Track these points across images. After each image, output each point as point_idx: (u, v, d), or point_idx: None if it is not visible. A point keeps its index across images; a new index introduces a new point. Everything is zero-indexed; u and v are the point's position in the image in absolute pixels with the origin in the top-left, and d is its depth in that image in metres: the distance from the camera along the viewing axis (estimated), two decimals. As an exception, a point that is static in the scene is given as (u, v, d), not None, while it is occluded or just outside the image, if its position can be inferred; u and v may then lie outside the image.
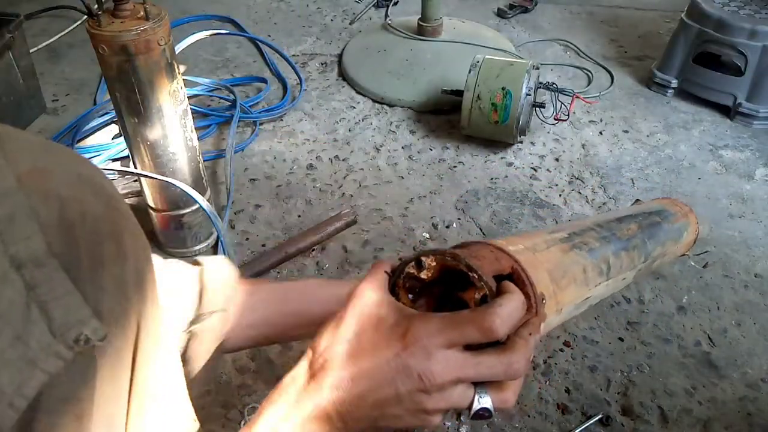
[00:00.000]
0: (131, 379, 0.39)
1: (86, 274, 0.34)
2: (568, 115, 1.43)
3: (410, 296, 0.46)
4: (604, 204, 1.27)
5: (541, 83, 1.40)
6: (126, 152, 1.32)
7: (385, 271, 0.45)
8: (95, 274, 0.35)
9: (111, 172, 1.28)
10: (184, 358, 0.58)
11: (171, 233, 1.12)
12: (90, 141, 1.42)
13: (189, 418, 0.52)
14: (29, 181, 0.33)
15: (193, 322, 0.57)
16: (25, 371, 0.30)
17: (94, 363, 0.35)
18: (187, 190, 1.02)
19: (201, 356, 0.60)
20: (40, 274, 0.31)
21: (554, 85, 1.40)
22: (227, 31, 1.88)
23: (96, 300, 0.34)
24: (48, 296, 0.31)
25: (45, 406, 0.32)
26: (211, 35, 1.83)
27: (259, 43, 1.85)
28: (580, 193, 1.30)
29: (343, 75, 1.72)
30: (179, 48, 1.74)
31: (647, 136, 1.48)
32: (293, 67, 1.74)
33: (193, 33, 1.80)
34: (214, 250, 1.17)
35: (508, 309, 0.40)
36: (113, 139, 1.41)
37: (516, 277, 0.46)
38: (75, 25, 1.92)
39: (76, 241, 0.34)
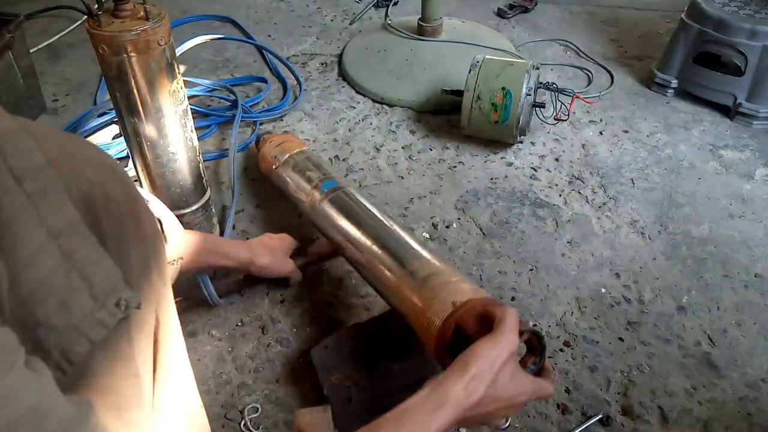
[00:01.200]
0: (154, 360, 0.40)
1: (111, 250, 0.36)
2: (568, 115, 1.43)
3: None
4: (604, 204, 1.27)
5: (541, 83, 1.40)
6: (126, 152, 1.33)
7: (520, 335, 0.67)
8: (120, 250, 0.36)
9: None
10: None
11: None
12: (90, 141, 1.42)
13: (198, 404, 0.55)
14: (58, 163, 0.34)
15: None
16: (71, 337, 0.31)
17: (129, 335, 0.36)
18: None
19: None
20: (76, 242, 0.33)
21: (554, 85, 1.40)
22: (230, 36, 1.88)
23: (124, 272, 0.36)
24: (85, 261, 0.33)
25: (98, 367, 0.34)
26: (212, 39, 1.83)
27: (260, 45, 1.85)
28: (580, 193, 1.30)
29: (343, 75, 1.72)
30: (180, 50, 1.74)
31: (647, 136, 1.48)
32: (292, 71, 1.74)
33: (194, 36, 1.80)
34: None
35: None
36: (113, 139, 1.41)
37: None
38: (75, 25, 1.92)
39: (100, 219, 0.36)
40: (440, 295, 0.75)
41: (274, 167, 1.18)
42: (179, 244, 0.84)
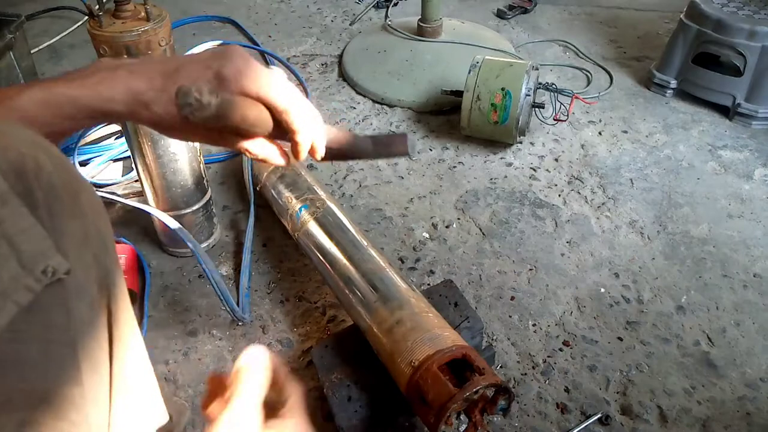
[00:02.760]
0: (110, 352, 0.40)
1: (45, 219, 0.36)
2: (568, 115, 1.43)
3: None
4: (603, 204, 1.27)
5: (540, 84, 1.40)
6: (127, 152, 1.33)
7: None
8: (54, 221, 0.37)
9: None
10: None
11: (171, 234, 1.12)
12: (91, 141, 1.42)
13: (161, 409, 0.53)
14: None
15: None
16: None
17: (65, 296, 0.36)
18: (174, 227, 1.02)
19: None
20: (5, 211, 0.33)
21: (554, 86, 1.40)
22: (239, 43, 1.88)
23: (56, 240, 0.36)
24: (14, 229, 0.33)
25: (28, 333, 0.34)
26: (218, 45, 1.84)
27: (260, 44, 1.86)
28: (579, 193, 1.31)
29: (343, 76, 1.72)
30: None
31: (646, 136, 1.49)
32: (296, 75, 1.74)
33: (202, 42, 1.81)
34: (214, 250, 1.17)
35: None
36: (115, 139, 1.42)
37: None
38: (76, 25, 1.93)
39: (32, 190, 0.36)
40: (402, 350, 0.76)
41: (258, 187, 1.18)
42: None
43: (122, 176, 1.33)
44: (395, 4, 2.14)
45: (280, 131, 0.51)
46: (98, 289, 0.40)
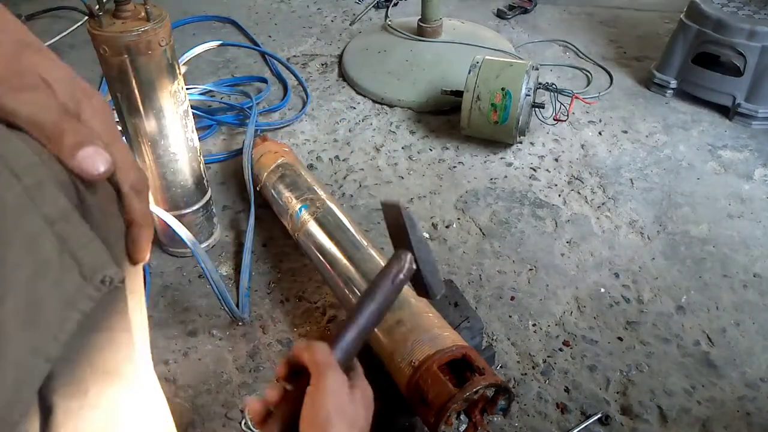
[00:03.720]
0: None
1: (98, 224, 0.40)
2: (568, 115, 1.43)
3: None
4: (603, 204, 1.27)
5: (540, 84, 1.40)
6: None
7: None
8: (105, 226, 0.41)
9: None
10: None
11: (171, 233, 1.12)
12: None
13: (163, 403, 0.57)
14: (46, 158, 0.38)
15: None
16: (65, 311, 0.36)
17: (124, 301, 0.42)
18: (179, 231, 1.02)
19: None
20: (68, 227, 0.37)
21: (554, 86, 1.40)
22: (238, 43, 1.88)
23: (110, 247, 0.40)
24: (76, 244, 0.37)
25: (96, 326, 0.39)
26: (217, 46, 1.84)
27: (260, 45, 1.86)
28: (579, 193, 1.31)
29: (343, 76, 1.72)
30: (187, 56, 1.75)
31: (646, 136, 1.49)
32: (296, 75, 1.74)
33: (203, 42, 1.81)
34: (215, 251, 1.17)
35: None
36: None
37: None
38: (76, 25, 1.93)
39: (84, 197, 0.40)
40: (402, 351, 0.76)
41: (258, 187, 1.18)
42: None
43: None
44: (395, 4, 2.14)
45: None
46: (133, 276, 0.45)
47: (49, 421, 0.38)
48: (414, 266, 0.59)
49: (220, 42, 1.85)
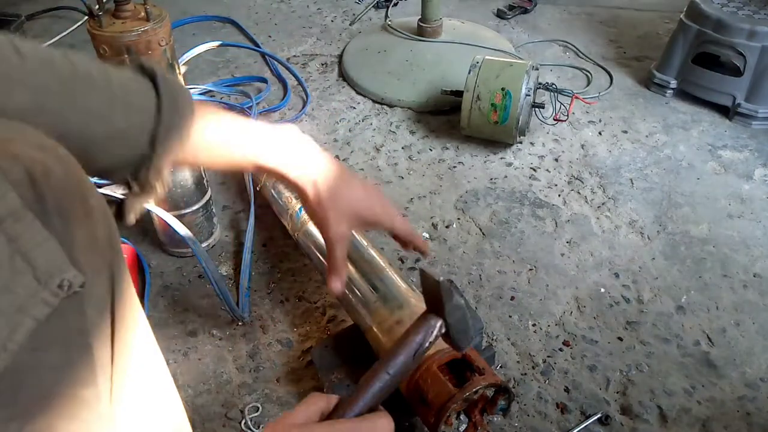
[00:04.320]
0: (112, 337, 0.41)
1: (57, 228, 0.36)
2: (568, 115, 1.43)
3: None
4: (603, 204, 1.27)
5: (540, 84, 1.40)
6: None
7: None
8: (65, 228, 0.37)
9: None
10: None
11: (171, 233, 1.12)
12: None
13: (178, 410, 0.54)
14: None
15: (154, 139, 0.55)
16: (15, 318, 0.32)
17: (81, 302, 0.37)
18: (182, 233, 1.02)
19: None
20: (19, 227, 0.34)
21: (553, 86, 1.40)
22: (238, 44, 1.88)
23: (69, 251, 0.36)
24: (29, 245, 0.34)
25: (49, 340, 0.35)
26: (217, 46, 1.84)
27: (260, 45, 1.86)
28: (579, 193, 1.31)
29: (343, 76, 1.72)
30: (187, 56, 1.75)
31: (646, 136, 1.49)
32: (295, 75, 1.74)
33: (203, 42, 1.81)
34: (215, 251, 1.17)
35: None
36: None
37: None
38: (76, 25, 1.93)
39: (44, 197, 0.36)
40: None
41: (257, 187, 1.19)
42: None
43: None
44: (395, 4, 2.14)
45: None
46: (107, 291, 0.41)
47: None
48: (444, 330, 0.59)
49: (219, 42, 1.85)
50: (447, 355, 0.73)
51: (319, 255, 0.96)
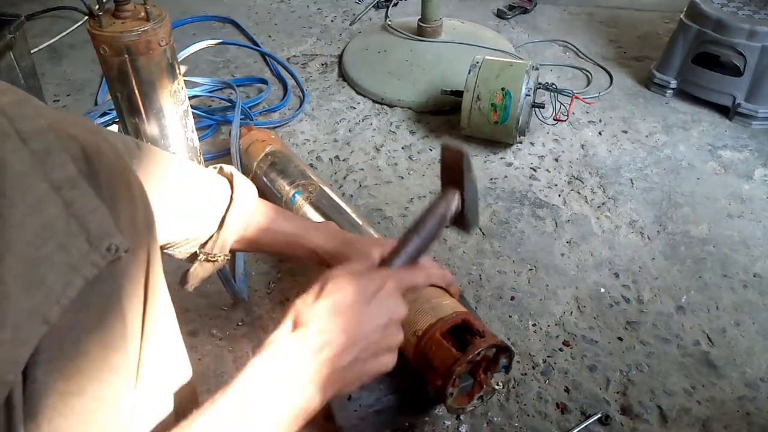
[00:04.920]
0: (144, 310, 0.44)
1: (106, 200, 0.40)
2: (568, 115, 1.43)
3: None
4: (603, 204, 1.27)
5: (540, 84, 1.40)
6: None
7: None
8: (113, 203, 0.41)
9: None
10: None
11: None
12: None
13: (186, 364, 0.58)
14: (57, 128, 0.40)
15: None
16: (69, 275, 0.36)
17: (120, 271, 0.41)
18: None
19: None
20: (75, 193, 0.38)
21: (553, 86, 1.40)
22: (237, 42, 1.88)
23: (116, 222, 0.40)
24: (83, 210, 0.38)
25: (87, 303, 0.38)
26: (216, 44, 1.84)
27: (260, 45, 1.86)
28: (579, 193, 1.31)
29: (343, 76, 1.72)
30: (184, 54, 1.75)
31: (646, 136, 1.49)
32: (294, 76, 1.74)
33: (197, 42, 1.81)
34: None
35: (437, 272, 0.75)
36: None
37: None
38: (76, 25, 1.93)
39: (97, 173, 0.41)
40: (406, 322, 0.78)
41: (249, 176, 1.19)
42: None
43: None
44: (395, 4, 2.14)
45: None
46: (142, 269, 0.44)
47: (29, 393, 0.36)
48: (460, 207, 0.64)
49: (218, 41, 1.85)
50: (448, 322, 0.76)
51: None
